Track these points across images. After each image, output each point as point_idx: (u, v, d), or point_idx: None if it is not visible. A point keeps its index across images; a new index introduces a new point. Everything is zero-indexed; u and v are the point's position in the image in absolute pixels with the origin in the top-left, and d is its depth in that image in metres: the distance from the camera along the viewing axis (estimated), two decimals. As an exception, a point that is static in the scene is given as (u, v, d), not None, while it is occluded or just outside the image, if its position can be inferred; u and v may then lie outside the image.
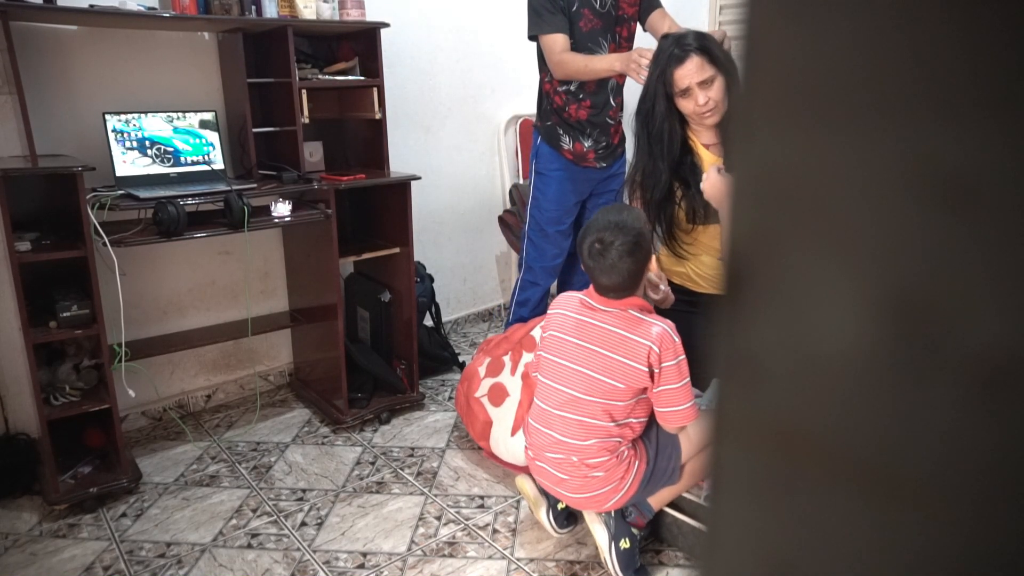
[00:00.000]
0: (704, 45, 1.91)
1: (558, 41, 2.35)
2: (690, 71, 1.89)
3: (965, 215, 0.17)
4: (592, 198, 2.65)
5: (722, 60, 1.91)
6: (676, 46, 1.92)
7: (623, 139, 2.63)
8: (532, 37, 2.42)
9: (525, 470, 2.14)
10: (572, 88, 2.45)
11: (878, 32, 0.18)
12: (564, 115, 2.48)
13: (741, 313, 0.22)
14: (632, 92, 2.32)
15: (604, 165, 2.59)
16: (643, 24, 2.51)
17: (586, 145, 2.52)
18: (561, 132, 2.50)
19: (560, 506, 1.87)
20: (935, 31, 0.17)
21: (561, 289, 2.81)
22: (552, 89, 2.49)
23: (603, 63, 2.28)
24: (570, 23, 2.38)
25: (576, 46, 2.39)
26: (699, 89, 1.89)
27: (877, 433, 0.19)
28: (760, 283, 0.21)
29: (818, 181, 0.20)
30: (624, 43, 2.51)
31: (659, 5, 2.52)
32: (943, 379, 0.18)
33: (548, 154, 2.54)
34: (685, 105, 1.94)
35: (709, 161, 2.02)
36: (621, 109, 2.60)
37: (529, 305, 2.64)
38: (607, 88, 2.47)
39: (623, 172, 2.65)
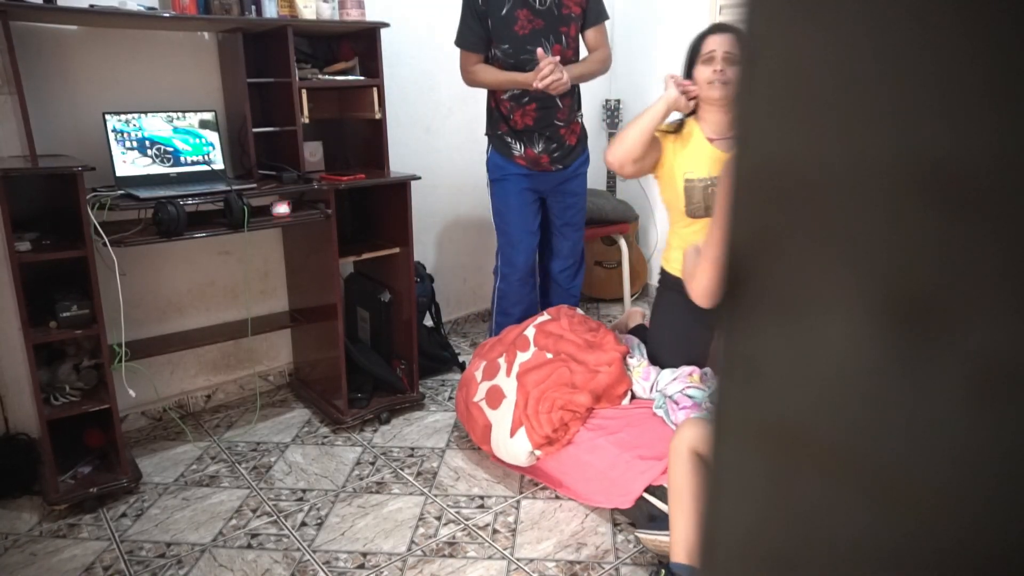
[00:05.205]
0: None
1: (469, 59, 2.41)
2: (722, 40, 1.98)
3: (965, 214, 0.17)
4: (553, 197, 2.62)
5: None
6: (713, 24, 2.07)
7: (583, 138, 2.60)
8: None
9: (526, 471, 2.14)
10: (516, 93, 2.42)
11: (878, 29, 0.18)
12: (511, 123, 2.47)
13: (740, 313, 0.22)
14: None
15: (561, 167, 2.55)
16: (583, 31, 2.47)
17: (538, 150, 2.48)
18: (510, 140, 2.49)
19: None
20: (936, 29, 0.17)
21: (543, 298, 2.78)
22: (496, 97, 2.49)
23: (507, 76, 2.34)
24: (503, 28, 2.33)
25: (513, 52, 2.34)
26: (723, 60, 1.97)
27: (877, 432, 0.19)
28: (760, 283, 0.21)
29: (818, 180, 0.20)
30: (571, 43, 2.42)
31: (605, 18, 2.47)
32: (943, 378, 0.18)
33: (501, 163, 2.54)
34: (703, 71, 1.99)
35: (707, 155, 2.03)
36: (578, 108, 2.55)
37: (513, 317, 2.63)
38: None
39: (584, 172, 2.65)
